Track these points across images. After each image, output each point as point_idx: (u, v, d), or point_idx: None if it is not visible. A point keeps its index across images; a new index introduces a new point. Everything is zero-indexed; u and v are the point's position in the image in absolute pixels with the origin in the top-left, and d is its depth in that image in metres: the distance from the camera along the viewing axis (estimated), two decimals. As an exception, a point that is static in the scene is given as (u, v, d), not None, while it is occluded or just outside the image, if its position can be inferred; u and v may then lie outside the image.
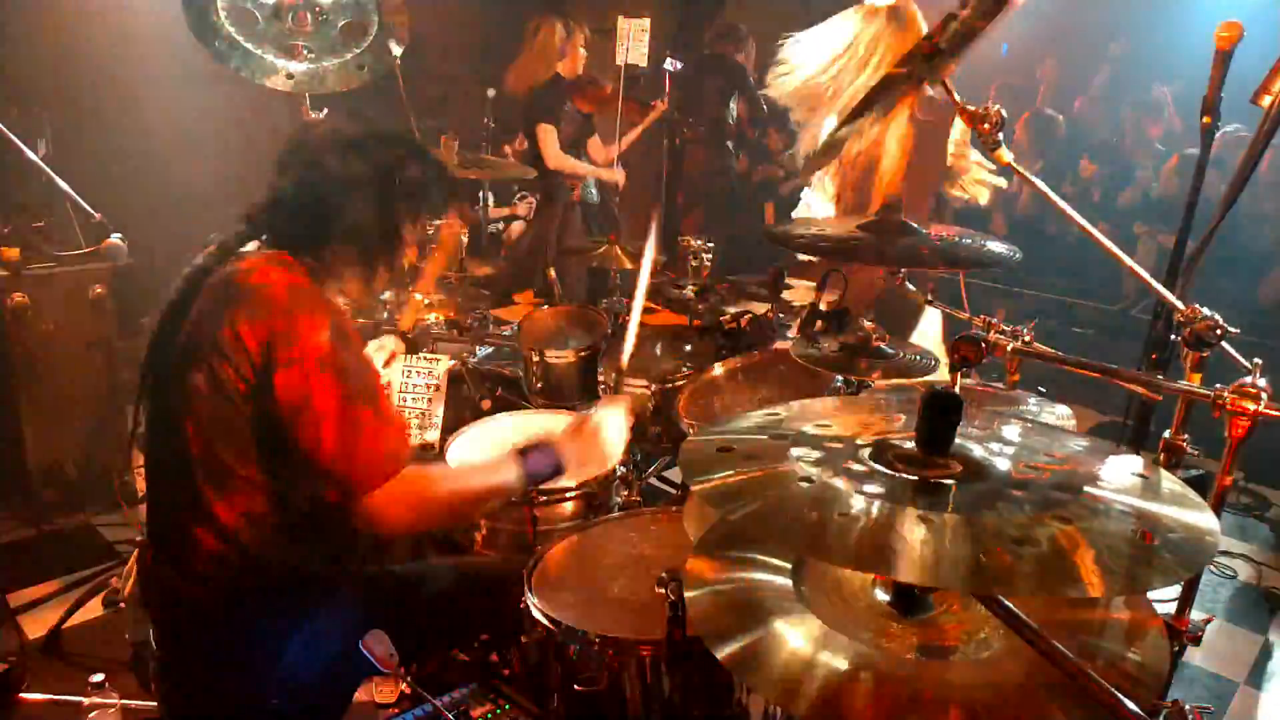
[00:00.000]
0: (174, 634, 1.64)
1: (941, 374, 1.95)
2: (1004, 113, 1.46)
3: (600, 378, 2.78)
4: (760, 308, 2.94)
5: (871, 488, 1.09)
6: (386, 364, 2.32)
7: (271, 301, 1.48)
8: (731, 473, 1.15)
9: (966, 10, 1.40)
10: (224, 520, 1.51)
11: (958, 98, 1.49)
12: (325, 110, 3.21)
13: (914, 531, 1.00)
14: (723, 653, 1.14)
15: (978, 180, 3.11)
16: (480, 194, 5.02)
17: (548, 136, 4.33)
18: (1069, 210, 1.48)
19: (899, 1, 2.90)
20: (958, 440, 1.16)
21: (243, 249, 1.61)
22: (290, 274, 1.55)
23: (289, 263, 1.58)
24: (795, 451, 1.19)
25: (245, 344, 1.45)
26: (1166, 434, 1.43)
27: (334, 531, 1.59)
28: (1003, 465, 1.16)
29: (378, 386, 1.56)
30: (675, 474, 3.40)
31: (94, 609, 2.80)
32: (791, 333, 2.83)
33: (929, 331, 3.07)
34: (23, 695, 2.36)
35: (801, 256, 2.91)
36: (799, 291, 3.12)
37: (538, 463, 1.64)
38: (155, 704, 1.73)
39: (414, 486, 1.52)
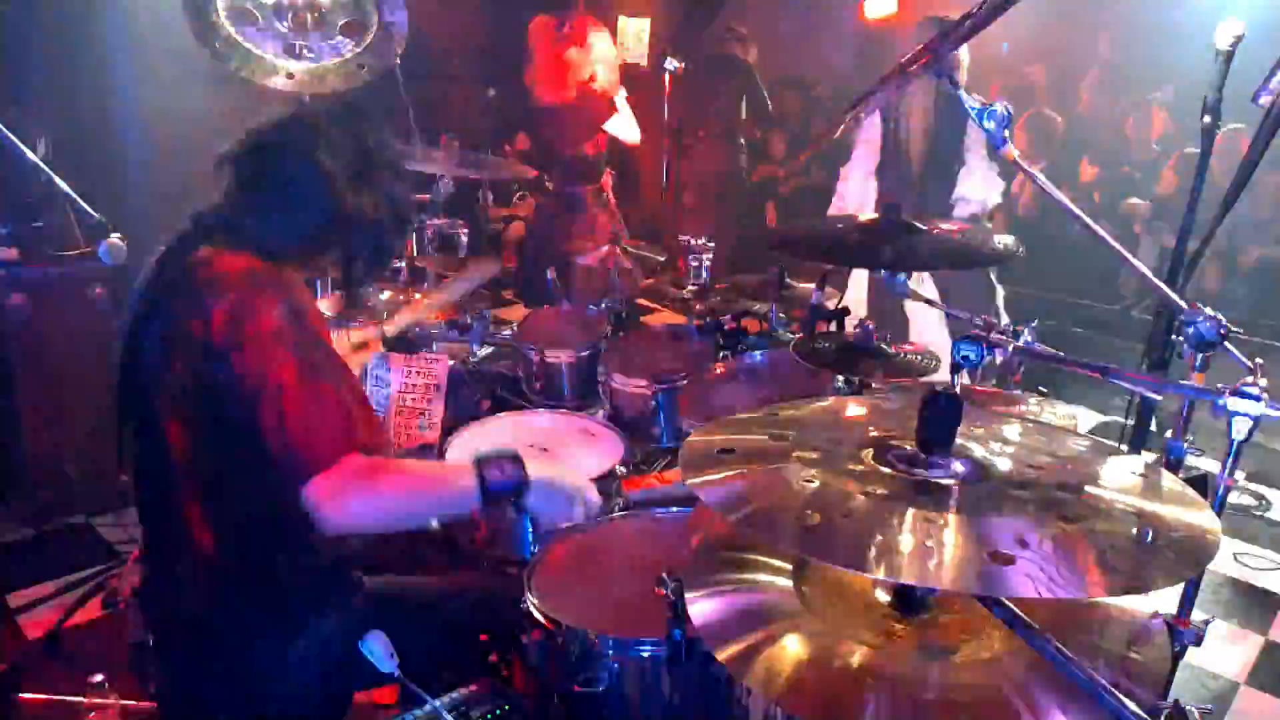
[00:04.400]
0: (172, 636, 1.64)
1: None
2: (1010, 109, 1.46)
3: (600, 377, 2.78)
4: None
5: (872, 488, 1.09)
6: (359, 350, 2.25)
7: (228, 285, 1.47)
8: (732, 473, 1.15)
9: (980, 11, 1.43)
10: (211, 524, 1.51)
11: (964, 94, 1.50)
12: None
13: (915, 532, 1.00)
14: (723, 653, 1.14)
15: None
16: (480, 194, 5.02)
17: (622, 121, 4.37)
18: (1072, 208, 1.48)
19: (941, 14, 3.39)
20: (958, 440, 1.16)
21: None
22: (246, 259, 1.53)
23: (244, 251, 1.56)
24: (796, 452, 1.19)
25: (210, 331, 1.44)
26: (1168, 434, 1.44)
27: (301, 536, 1.53)
28: (1003, 465, 1.16)
29: (337, 365, 1.53)
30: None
31: (94, 609, 2.80)
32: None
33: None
34: (23, 695, 2.36)
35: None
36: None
37: (498, 471, 1.56)
38: (155, 704, 1.73)
39: (362, 474, 1.46)
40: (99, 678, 1.96)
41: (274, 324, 1.45)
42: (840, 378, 2.23)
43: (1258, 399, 1.19)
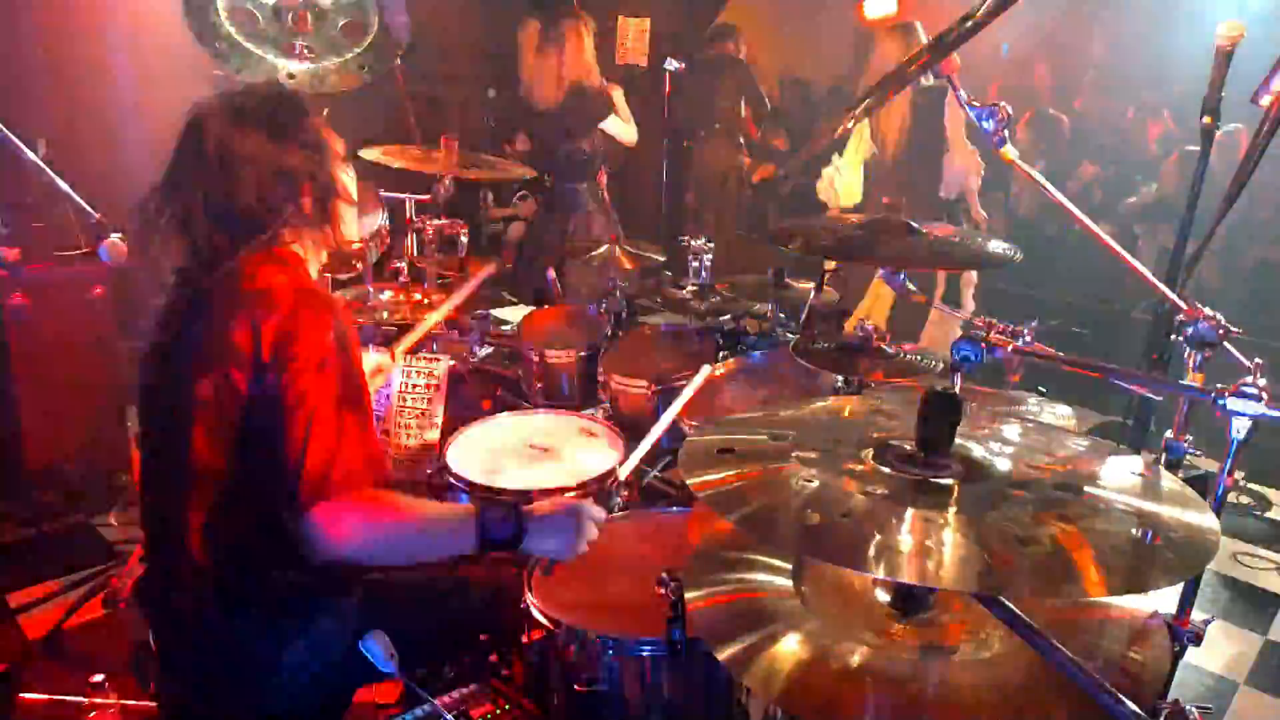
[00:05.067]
0: (172, 636, 1.64)
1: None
2: (1010, 110, 1.46)
3: (600, 377, 2.78)
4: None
5: (872, 488, 1.09)
6: (373, 375, 2.26)
7: (280, 303, 1.48)
8: (732, 473, 1.15)
9: (980, 12, 1.43)
10: (210, 533, 1.51)
11: (964, 94, 1.50)
12: (326, 111, 3.20)
13: (915, 532, 1.00)
14: (723, 653, 1.14)
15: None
16: (480, 194, 5.01)
17: (617, 123, 4.38)
18: (1073, 208, 1.48)
19: (909, 19, 3.78)
20: (958, 440, 1.16)
21: (231, 253, 1.56)
22: (293, 274, 1.56)
23: (285, 260, 1.58)
24: (796, 452, 1.19)
25: (258, 346, 1.45)
26: (1168, 434, 1.43)
27: (297, 552, 1.51)
28: (1003, 465, 1.16)
29: (366, 401, 1.55)
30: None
31: (94, 609, 2.80)
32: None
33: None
34: (23, 695, 2.36)
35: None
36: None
37: (495, 522, 1.55)
38: (155, 704, 1.73)
39: (365, 510, 1.48)
40: (99, 678, 1.96)
41: (323, 350, 1.46)
42: (840, 378, 2.23)
43: (1257, 399, 1.19)
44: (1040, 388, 2.15)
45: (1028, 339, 1.52)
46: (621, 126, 4.41)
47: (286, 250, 1.60)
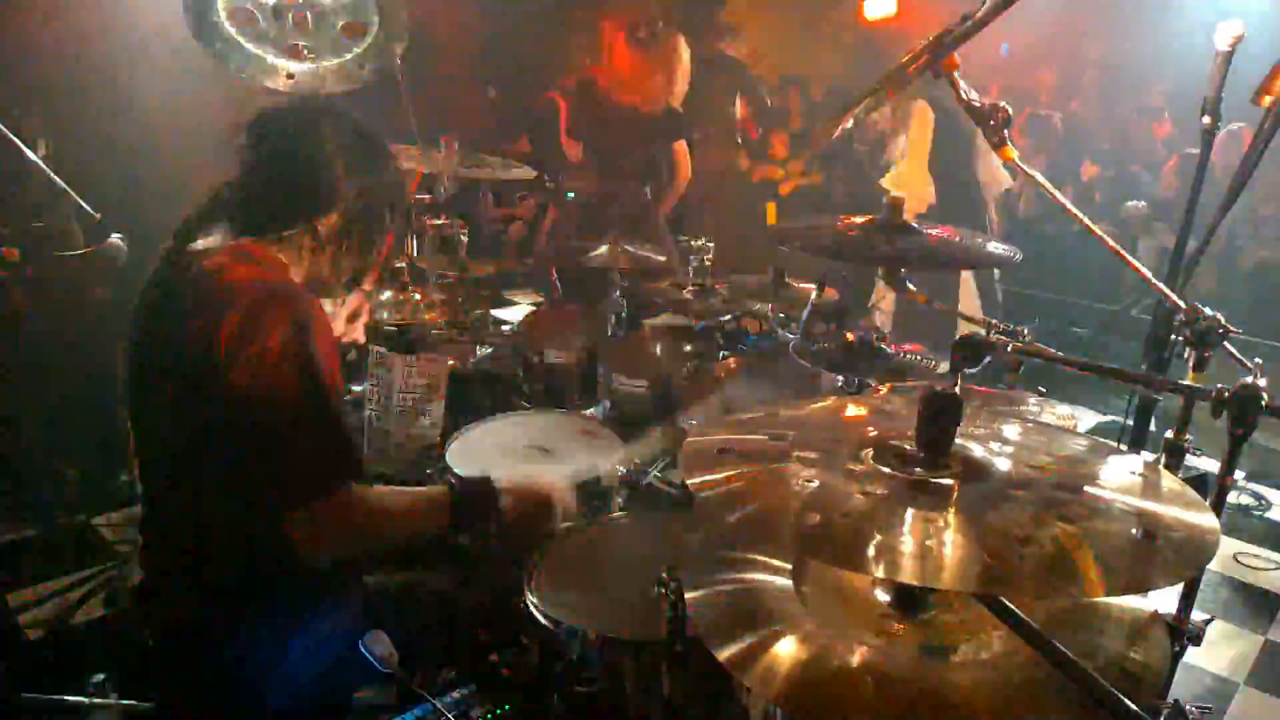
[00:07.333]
0: (173, 636, 1.64)
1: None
2: (1009, 109, 1.46)
3: (600, 377, 2.78)
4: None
5: (872, 488, 1.09)
6: (352, 321, 2.21)
7: (240, 299, 1.45)
8: (732, 473, 1.15)
9: (980, 12, 1.43)
10: (204, 533, 1.51)
11: (964, 94, 1.50)
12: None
13: (915, 532, 1.00)
14: (723, 653, 1.14)
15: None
16: (480, 194, 5.01)
17: (685, 151, 4.40)
18: (1072, 208, 1.48)
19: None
20: (958, 440, 1.16)
21: (203, 242, 1.57)
22: (256, 269, 1.53)
23: (252, 254, 1.55)
24: (796, 452, 1.19)
25: (215, 343, 1.42)
26: (1168, 434, 1.43)
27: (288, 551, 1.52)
28: (1003, 465, 1.16)
29: (336, 390, 1.53)
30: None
31: (94, 609, 2.80)
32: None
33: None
34: (23, 695, 2.36)
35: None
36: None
37: (470, 500, 1.62)
38: (155, 704, 1.73)
39: (341, 512, 1.49)
40: (99, 678, 1.97)
41: (280, 343, 1.43)
42: (840, 378, 2.23)
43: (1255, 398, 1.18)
44: (1040, 388, 2.15)
45: (1028, 339, 1.53)
46: (685, 161, 4.42)
47: (260, 248, 1.57)
